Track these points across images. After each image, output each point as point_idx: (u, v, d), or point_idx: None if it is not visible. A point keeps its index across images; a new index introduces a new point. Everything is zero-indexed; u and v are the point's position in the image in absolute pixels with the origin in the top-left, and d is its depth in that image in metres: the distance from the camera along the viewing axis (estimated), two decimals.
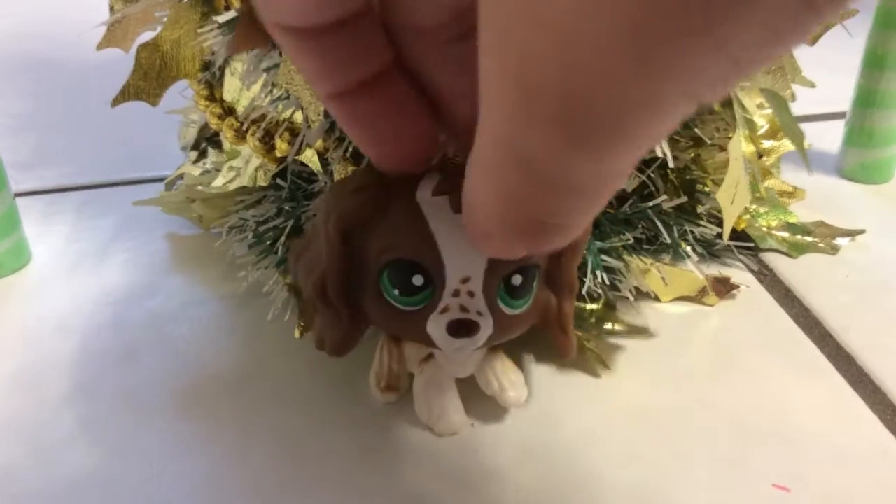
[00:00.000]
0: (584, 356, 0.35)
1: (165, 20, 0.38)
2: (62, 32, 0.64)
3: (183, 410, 0.33)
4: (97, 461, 0.31)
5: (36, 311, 0.39)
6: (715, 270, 0.41)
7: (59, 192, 0.49)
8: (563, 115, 0.13)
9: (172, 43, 0.38)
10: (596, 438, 0.32)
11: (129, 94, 0.39)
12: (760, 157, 0.43)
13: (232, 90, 0.38)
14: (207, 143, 0.43)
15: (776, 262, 0.42)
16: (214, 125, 0.38)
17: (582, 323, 0.36)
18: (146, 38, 0.39)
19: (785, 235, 0.43)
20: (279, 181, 0.38)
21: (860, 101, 0.47)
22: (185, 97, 0.43)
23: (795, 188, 0.45)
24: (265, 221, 0.38)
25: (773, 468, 0.31)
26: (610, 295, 0.37)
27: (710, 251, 0.42)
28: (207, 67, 0.39)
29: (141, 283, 0.41)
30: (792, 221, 0.44)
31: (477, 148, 0.16)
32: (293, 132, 0.35)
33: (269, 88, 0.34)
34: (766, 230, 0.43)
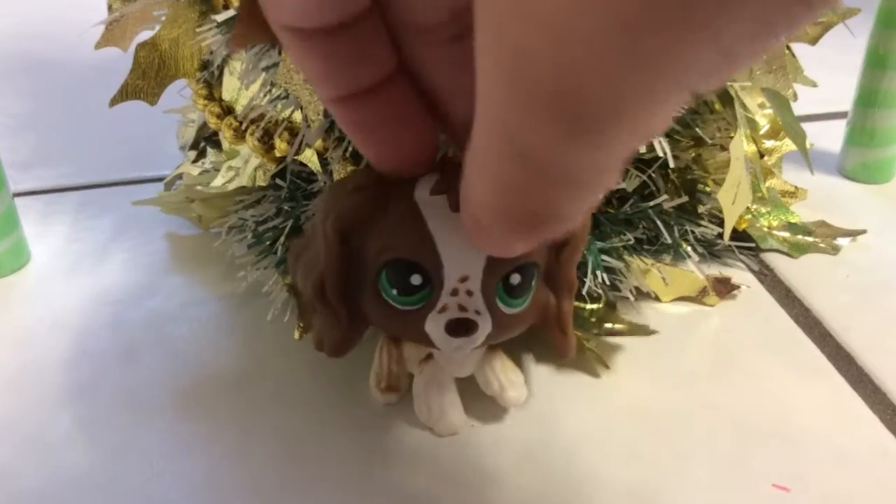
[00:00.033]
0: (583, 356, 0.35)
1: (164, 19, 0.38)
2: (62, 32, 0.64)
3: (183, 410, 0.33)
4: (97, 461, 0.31)
5: (35, 311, 0.39)
6: (715, 270, 0.41)
7: (58, 192, 0.49)
8: (557, 106, 0.13)
9: (171, 42, 0.38)
10: (596, 439, 0.32)
11: (127, 93, 0.39)
12: (762, 156, 0.43)
13: (231, 89, 0.38)
14: (206, 142, 0.43)
15: (777, 262, 0.42)
16: (213, 125, 0.38)
17: (582, 322, 0.36)
18: (144, 37, 0.39)
19: (786, 235, 0.43)
20: (278, 181, 0.38)
21: (862, 100, 0.47)
22: (183, 96, 0.43)
23: (797, 188, 0.45)
24: (264, 221, 0.38)
25: (773, 468, 0.31)
26: (610, 295, 0.37)
27: (710, 251, 0.42)
28: (206, 66, 0.39)
29: (140, 283, 0.41)
30: (793, 221, 0.43)
31: (474, 140, 0.17)
32: (292, 132, 0.35)
33: (267, 87, 0.34)
34: (766, 230, 0.43)
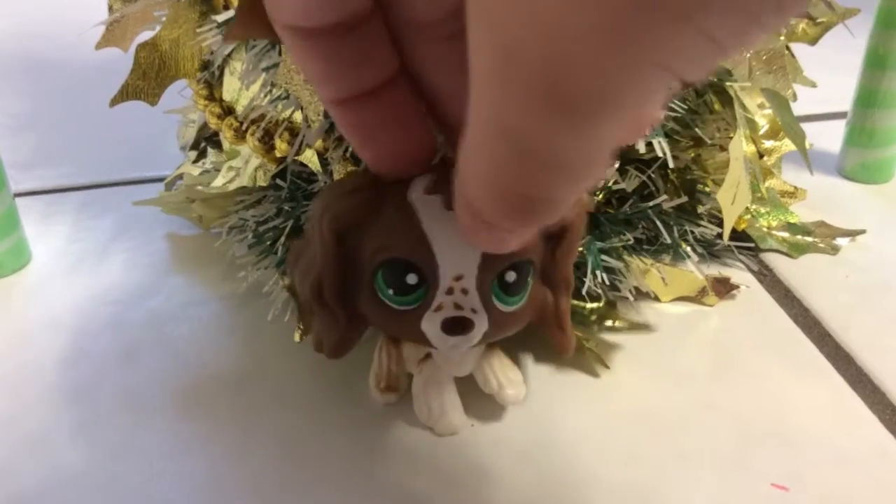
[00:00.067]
0: (583, 356, 0.35)
1: (164, 19, 0.38)
2: (62, 32, 0.64)
3: (183, 410, 0.33)
4: (97, 461, 0.31)
5: (36, 310, 0.39)
6: (715, 270, 0.41)
7: (58, 192, 0.49)
8: (546, 90, 0.14)
9: (171, 42, 0.38)
10: (595, 438, 0.32)
11: (127, 93, 0.39)
12: (761, 156, 0.43)
13: (231, 90, 0.38)
14: (207, 142, 0.43)
15: (776, 262, 0.42)
16: (214, 125, 0.38)
17: (583, 320, 0.36)
18: (145, 37, 0.39)
19: (785, 235, 0.43)
20: (279, 181, 0.38)
21: (861, 100, 0.47)
22: (183, 97, 0.43)
23: (796, 188, 0.45)
24: (265, 221, 0.38)
25: (772, 468, 0.31)
26: (610, 295, 0.37)
27: (710, 251, 0.42)
28: (206, 67, 0.39)
29: (141, 283, 0.41)
30: (792, 221, 0.44)
31: (467, 127, 0.17)
32: (293, 132, 0.35)
33: (268, 88, 0.34)
34: (766, 230, 0.43)
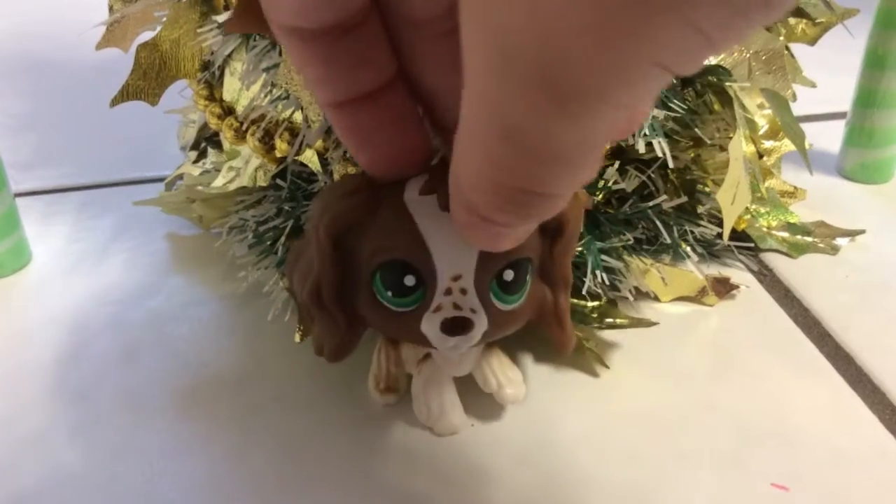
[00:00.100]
0: (582, 356, 0.35)
1: (165, 20, 0.38)
2: (62, 32, 0.64)
3: (183, 410, 0.33)
4: (97, 461, 0.31)
5: (36, 311, 0.39)
6: (715, 270, 0.41)
7: (59, 192, 0.49)
8: (541, 81, 0.14)
9: (172, 42, 0.38)
10: (595, 438, 0.32)
11: (128, 93, 0.39)
12: (761, 157, 0.43)
13: (231, 90, 0.38)
14: (207, 143, 0.43)
15: (776, 262, 0.42)
16: (214, 125, 0.38)
17: (583, 318, 0.36)
18: (145, 37, 0.39)
19: (785, 235, 0.43)
20: (279, 181, 0.38)
21: (861, 100, 0.47)
22: (184, 97, 0.43)
23: (796, 188, 0.45)
24: (265, 222, 0.38)
25: (772, 468, 0.31)
26: (610, 295, 0.37)
27: (710, 251, 0.42)
28: (207, 67, 0.39)
29: (141, 283, 0.41)
30: (792, 221, 0.44)
31: (463, 120, 0.17)
32: (293, 132, 0.35)
33: (268, 88, 0.34)
34: (766, 230, 0.43)
